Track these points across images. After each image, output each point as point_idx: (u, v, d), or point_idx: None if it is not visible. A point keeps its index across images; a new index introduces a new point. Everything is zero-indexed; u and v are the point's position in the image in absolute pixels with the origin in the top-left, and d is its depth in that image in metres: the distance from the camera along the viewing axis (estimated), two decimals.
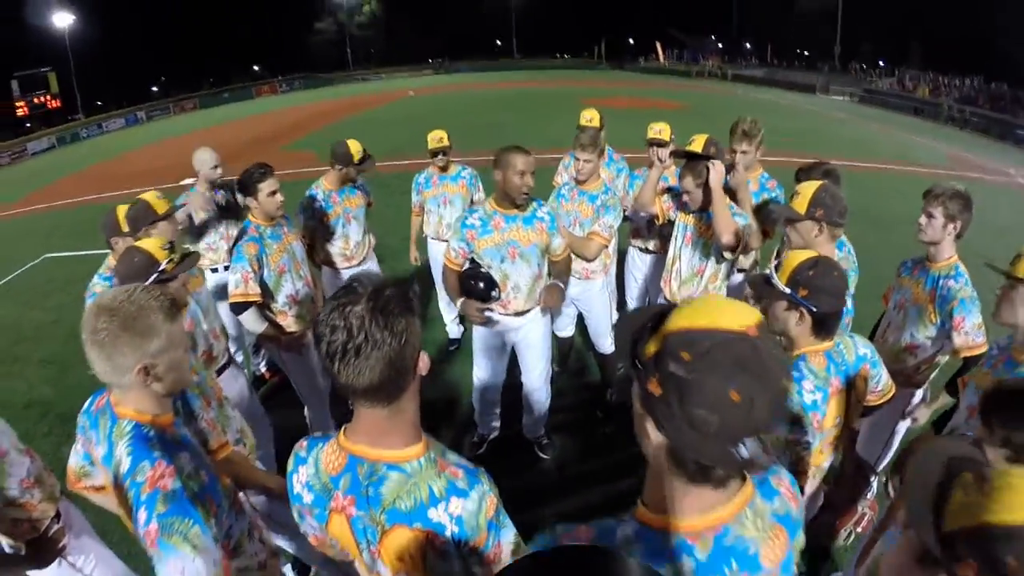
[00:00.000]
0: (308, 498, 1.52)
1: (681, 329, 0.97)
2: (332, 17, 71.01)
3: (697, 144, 3.70)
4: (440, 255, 5.17)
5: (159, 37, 61.31)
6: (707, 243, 3.62)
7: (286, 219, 3.94)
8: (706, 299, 1.02)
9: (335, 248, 4.75)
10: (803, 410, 1.99)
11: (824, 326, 2.08)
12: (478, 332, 3.91)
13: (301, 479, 1.53)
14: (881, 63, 42.86)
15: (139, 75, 60.14)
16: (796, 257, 2.14)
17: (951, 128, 25.50)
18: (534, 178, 3.42)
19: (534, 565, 0.70)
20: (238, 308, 3.66)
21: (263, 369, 5.41)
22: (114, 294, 1.68)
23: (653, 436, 1.03)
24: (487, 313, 3.55)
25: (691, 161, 3.58)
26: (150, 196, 3.50)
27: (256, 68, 68.71)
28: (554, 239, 3.60)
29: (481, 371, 4.03)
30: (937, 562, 0.91)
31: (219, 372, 3.37)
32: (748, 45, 63.23)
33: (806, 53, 54.75)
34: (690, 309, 1.00)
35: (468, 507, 1.42)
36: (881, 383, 2.32)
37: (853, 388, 2.16)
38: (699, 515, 1.06)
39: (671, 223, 3.93)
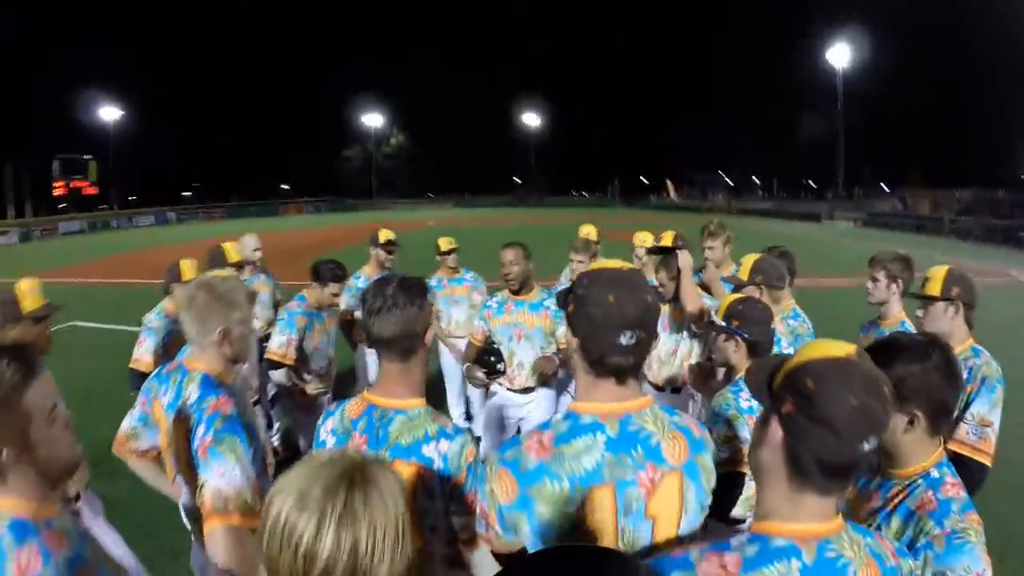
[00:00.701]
0: (331, 442, 1.86)
1: (586, 273, 1.51)
2: (361, 146, 74.95)
3: (666, 240, 4.22)
4: (447, 353, 5.73)
5: (197, 144, 65.11)
6: (680, 325, 4.06)
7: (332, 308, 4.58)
8: (603, 260, 1.54)
9: None
10: (739, 412, 2.38)
11: (756, 350, 2.51)
12: (487, 408, 4.34)
13: (328, 427, 1.89)
14: (883, 185, 44.69)
15: (174, 178, 63.52)
16: (729, 298, 2.71)
17: (953, 240, 26.11)
18: (519, 267, 4.10)
19: (539, 564, 0.75)
20: (273, 365, 4.08)
21: (276, 443, 5.62)
22: (212, 276, 2.23)
23: (571, 340, 1.49)
24: (487, 379, 4.04)
25: (664, 257, 4.10)
26: (228, 245, 4.04)
27: (284, 186, 72.08)
28: (559, 327, 4.06)
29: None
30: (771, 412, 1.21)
31: None
32: (755, 179, 66.07)
33: (811, 183, 56.94)
34: (592, 265, 1.57)
35: (453, 448, 1.80)
36: None
37: None
38: (605, 403, 1.46)
39: None
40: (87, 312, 11.05)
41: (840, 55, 47.37)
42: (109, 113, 50.73)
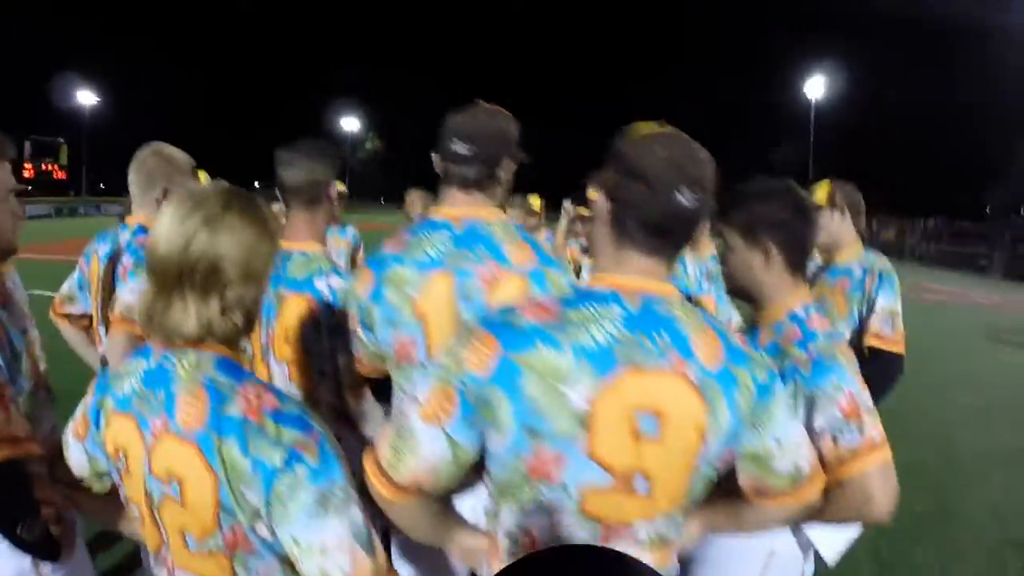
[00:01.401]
0: None
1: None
2: (336, 148, 74.47)
3: (592, 193, 4.28)
4: None
5: (171, 137, 64.18)
6: None
7: None
8: None
9: None
10: None
11: None
12: None
13: None
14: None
15: None
16: None
17: (916, 265, 26.80)
18: (420, 204, 4.49)
19: (538, 565, 0.71)
20: None
21: None
22: (163, 144, 2.41)
23: (437, 161, 1.70)
24: None
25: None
26: (202, 173, 4.12)
27: (256, 184, 71.31)
28: None
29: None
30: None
31: None
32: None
33: None
34: None
35: (343, 285, 1.89)
36: (733, 320, 3.03)
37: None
38: (455, 208, 1.67)
39: (580, 268, 4.66)
40: (41, 283, 10.72)
41: (815, 87, 48.55)
42: (86, 98, 49.60)
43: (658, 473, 1.09)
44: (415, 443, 1.09)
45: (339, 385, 1.87)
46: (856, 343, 2.48)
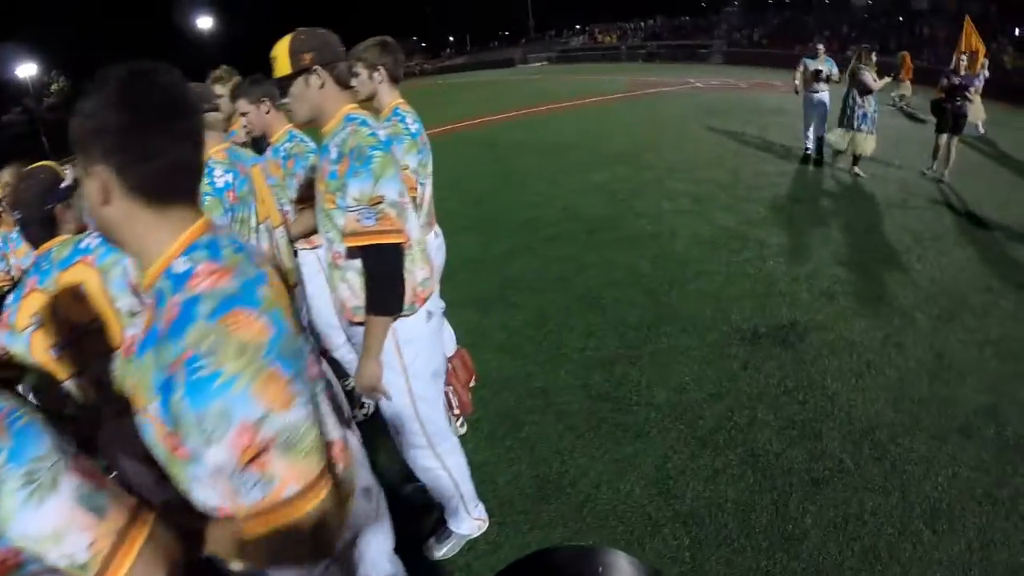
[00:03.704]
0: None
1: None
2: (20, 106, 63.34)
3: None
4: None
5: None
6: None
7: None
8: None
9: None
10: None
11: (26, 231, 2.10)
12: None
13: None
14: (577, 27, 48.51)
15: None
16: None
17: (639, 64, 29.38)
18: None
19: (539, 564, 0.72)
20: None
21: None
22: None
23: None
24: None
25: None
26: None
27: None
28: None
29: None
30: None
31: None
32: (451, 39, 70.50)
33: (506, 34, 61.62)
34: None
35: None
36: None
37: None
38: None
39: None
40: None
41: None
42: None
43: None
44: None
45: None
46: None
